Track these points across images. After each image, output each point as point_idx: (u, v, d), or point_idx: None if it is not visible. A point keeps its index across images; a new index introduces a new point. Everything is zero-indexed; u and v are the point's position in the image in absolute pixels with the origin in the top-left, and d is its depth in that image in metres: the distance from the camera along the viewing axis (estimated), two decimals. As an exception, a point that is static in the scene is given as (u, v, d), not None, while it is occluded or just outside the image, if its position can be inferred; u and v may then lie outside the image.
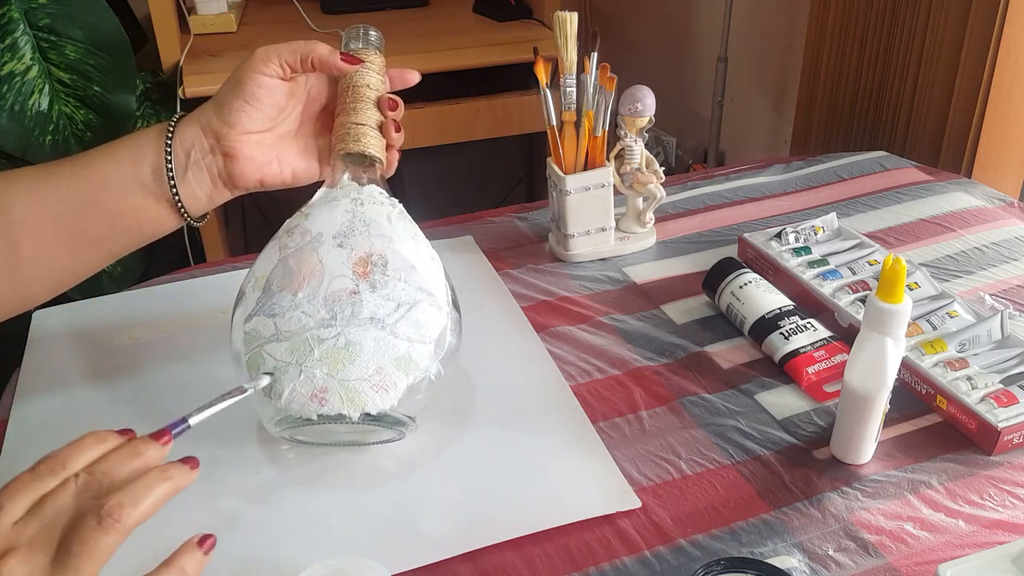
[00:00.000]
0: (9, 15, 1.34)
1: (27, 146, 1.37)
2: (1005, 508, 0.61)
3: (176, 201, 0.63)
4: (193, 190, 0.63)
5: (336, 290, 0.59)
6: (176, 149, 0.62)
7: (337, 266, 0.60)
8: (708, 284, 0.83)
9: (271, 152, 0.65)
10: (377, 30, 0.68)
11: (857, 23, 1.29)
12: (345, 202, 0.63)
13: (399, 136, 0.66)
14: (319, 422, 0.59)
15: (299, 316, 0.59)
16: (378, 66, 0.67)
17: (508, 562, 0.58)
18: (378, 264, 0.60)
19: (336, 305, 0.59)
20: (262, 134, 0.64)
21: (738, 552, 0.58)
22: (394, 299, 0.60)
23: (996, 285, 0.86)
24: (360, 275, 0.60)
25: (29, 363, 0.78)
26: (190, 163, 0.63)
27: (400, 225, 0.63)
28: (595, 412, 0.71)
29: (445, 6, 1.88)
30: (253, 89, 0.62)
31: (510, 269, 0.91)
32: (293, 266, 0.61)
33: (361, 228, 0.62)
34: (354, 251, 0.61)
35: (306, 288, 0.59)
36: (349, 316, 0.59)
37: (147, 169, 0.61)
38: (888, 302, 0.59)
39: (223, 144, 0.63)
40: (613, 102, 0.88)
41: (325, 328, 0.58)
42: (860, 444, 0.64)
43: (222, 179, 0.64)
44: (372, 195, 0.64)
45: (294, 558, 0.56)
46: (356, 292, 0.59)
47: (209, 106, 0.63)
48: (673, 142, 2.06)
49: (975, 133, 1.15)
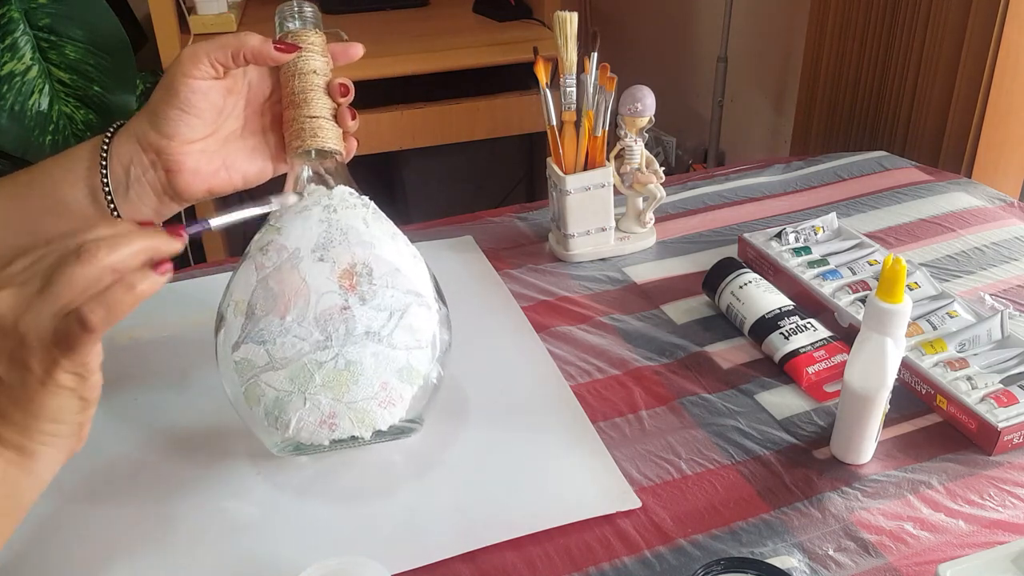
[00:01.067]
0: (9, 15, 1.34)
1: (27, 146, 1.38)
2: (1005, 508, 0.61)
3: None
4: (137, 208, 0.59)
5: (326, 308, 0.57)
6: (114, 167, 0.57)
7: (322, 282, 0.58)
8: (708, 284, 0.83)
9: (216, 160, 0.60)
10: (312, 5, 0.62)
11: (857, 23, 1.29)
12: (317, 211, 0.59)
13: (355, 123, 0.61)
14: (331, 448, 0.58)
15: (292, 341, 0.57)
16: (320, 46, 0.61)
17: (508, 562, 0.58)
18: (363, 274, 0.58)
19: (329, 324, 0.57)
20: (204, 141, 0.60)
21: (738, 552, 0.58)
22: (386, 308, 0.58)
23: (996, 285, 0.86)
24: (348, 288, 0.58)
25: (29, 363, 0.77)
26: (131, 180, 0.58)
27: (378, 227, 0.60)
28: (595, 412, 0.71)
29: (445, 6, 1.88)
30: (187, 95, 0.57)
31: (510, 269, 0.91)
32: (275, 287, 0.58)
33: (339, 237, 0.59)
34: (337, 263, 0.58)
35: (294, 310, 0.57)
36: (344, 334, 0.57)
37: (83, 190, 0.57)
38: (888, 302, 0.59)
39: (164, 158, 0.58)
40: (613, 102, 0.88)
41: (322, 351, 0.57)
42: (860, 444, 0.64)
43: (167, 194, 0.59)
44: (344, 199, 0.60)
45: (294, 558, 0.56)
46: (347, 307, 0.57)
47: (143, 117, 0.58)
48: (673, 142, 2.06)
49: (975, 133, 1.15)
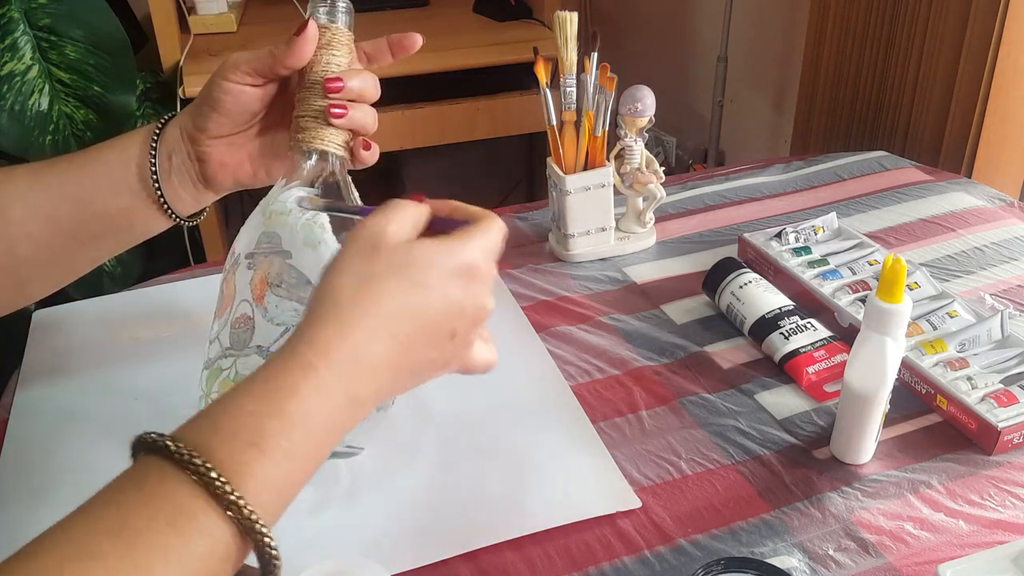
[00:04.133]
0: (9, 15, 1.34)
1: (27, 146, 1.37)
2: (1005, 508, 0.61)
3: (162, 203, 0.62)
4: (177, 192, 0.63)
5: (238, 317, 0.58)
6: (160, 152, 0.62)
7: (243, 289, 0.58)
8: (708, 284, 0.83)
9: (241, 153, 0.63)
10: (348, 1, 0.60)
11: (857, 23, 1.29)
12: (259, 216, 0.59)
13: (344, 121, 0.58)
14: None
15: (213, 346, 0.58)
16: (340, 44, 0.59)
17: (508, 562, 0.58)
18: (273, 283, 0.56)
19: (235, 333, 0.57)
20: (232, 136, 0.63)
21: (738, 552, 0.58)
22: (283, 323, 0.56)
23: (996, 285, 0.86)
24: (256, 299, 0.57)
25: (29, 363, 0.78)
26: (172, 167, 0.62)
27: (302, 235, 0.56)
28: (595, 412, 0.71)
29: (445, 6, 1.88)
30: (219, 96, 0.60)
31: (510, 269, 0.90)
32: (224, 290, 0.60)
33: (265, 245, 0.57)
34: (256, 271, 0.57)
35: (224, 315, 0.58)
36: (241, 345, 0.57)
37: (135, 171, 0.62)
38: (888, 302, 0.59)
39: (196, 148, 0.62)
40: (613, 102, 0.88)
41: (225, 359, 0.57)
42: (860, 444, 0.64)
43: (200, 182, 0.64)
44: (283, 204, 0.57)
45: (294, 558, 0.56)
46: (250, 318, 0.57)
47: (186, 110, 0.63)
48: (673, 142, 2.06)
49: (975, 133, 1.15)
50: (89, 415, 0.71)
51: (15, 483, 0.65)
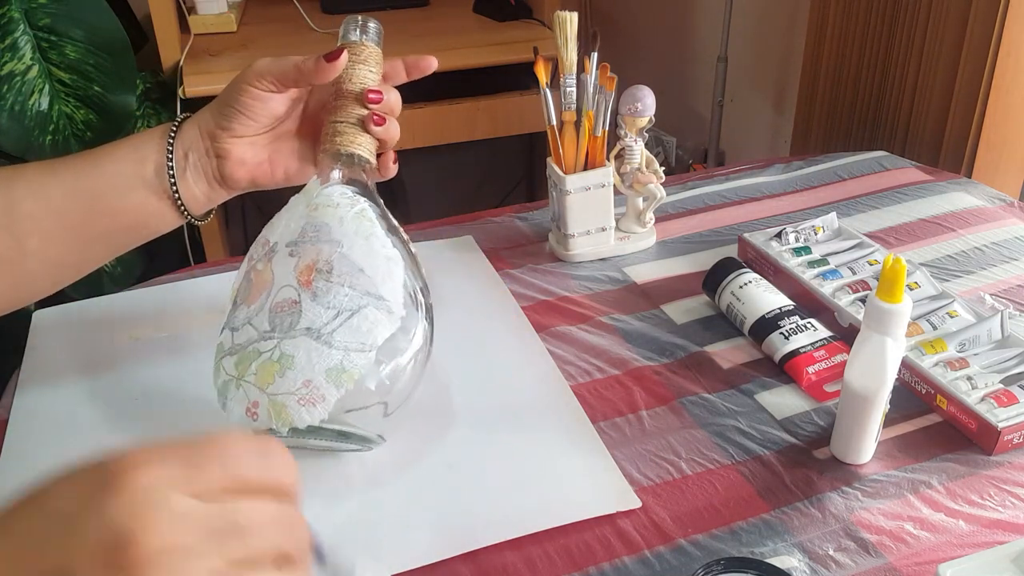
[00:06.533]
0: (9, 15, 1.34)
1: (27, 146, 1.37)
2: (1005, 508, 0.61)
3: (176, 199, 0.64)
4: (192, 190, 0.65)
5: (279, 301, 0.59)
6: (177, 149, 0.64)
7: (285, 276, 0.59)
8: (708, 284, 0.83)
9: (262, 153, 0.66)
10: (377, 21, 0.66)
11: (857, 23, 1.29)
12: (301, 208, 0.62)
13: (382, 130, 0.64)
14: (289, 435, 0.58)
15: (247, 329, 0.59)
16: (371, 61, 0.64)
17: (508, 562, 0.58)
18: (323, 271, 0.59)
19: (277, 316, 0.58)
20: (255, 136, 0.65)
21: (738, 552, 0.58)
22: (335, 307, 0.58)
23: (996, 285, 0.86)
24: (303, 284, 0.59)
25: (29, 363, 0.78)
26: (188, 164, 0.64)
27: (353, 226, 0.60)
28: (595, 412, 0.71)
29: (445, 6, 1.88)
30: (246, 100, 0.63)
31: (510, 269, 0.90)
32: (254, 278, 0.61)
33: (311, 234, 0.60)
34: (302, 259, 0.59)
35: (258, 300, 0.59)
36: (287, 327, 0.58)
37: (150, 168, 0.63)
38: (888, 302, 0.59)
39: (216, 145, 0.64)
40: (613, 102, 0.88)
41: (265, 341, 0.58)
42: (860, 444, 0.64)
43: (216, 180, 0.65)
44: (329, 197, 0.61)
45: (294, 558, 0.56)
46: (297, 302, 0.58)
47: (208, 109, 0.65)
48: (673, 142, 2.06)
49: (975, 133, 1.15)
50: (89, 415, 0.71)
51: (15, 483, 0.65)
